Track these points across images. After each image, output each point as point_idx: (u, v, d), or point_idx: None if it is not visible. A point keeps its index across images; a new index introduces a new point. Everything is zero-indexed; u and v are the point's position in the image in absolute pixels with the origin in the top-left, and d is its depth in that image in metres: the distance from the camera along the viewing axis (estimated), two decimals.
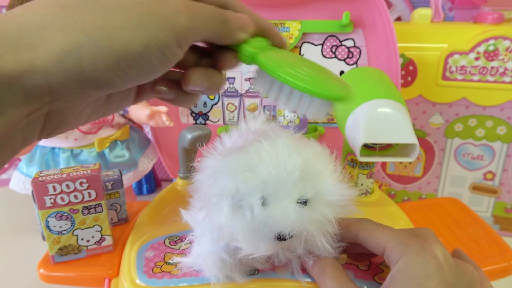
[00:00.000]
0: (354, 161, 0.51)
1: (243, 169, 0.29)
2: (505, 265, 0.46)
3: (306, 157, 0.30)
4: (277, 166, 0.28)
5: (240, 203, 0.29)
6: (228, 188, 0.28)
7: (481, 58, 0.61)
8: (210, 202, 0.29)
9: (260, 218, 0.28)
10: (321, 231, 0.29)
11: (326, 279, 0.29)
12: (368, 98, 0.42)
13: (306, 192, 0.29)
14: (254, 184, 0.28)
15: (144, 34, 0.21)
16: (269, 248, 0.29)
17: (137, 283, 0.36)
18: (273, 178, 0.28)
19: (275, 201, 0.28)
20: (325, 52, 0.61)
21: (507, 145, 0.65)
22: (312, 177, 0.29)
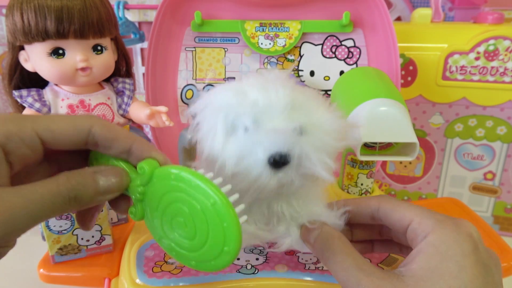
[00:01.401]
0: (354, 160, 0.51)
1: (235, 93, 0.29)
2: (505, 265, 0.46)
3: (296, 88, 0.30)
4: (267, 90, 0.29)
5: (234, 125, 0.29)
6: (221, 110, 0.29)
7: (481, 58, 0.61)
8: (206, 128, 0.30)
9: (254, 137, 0.28)
10: (319, 154, 0.28)
11: (337, 253, 0.27)
12: (368, 97, 0.42)
13: (299, 119, 0.28)
14: (245, 104, 0.28)
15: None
16: (263, 177, 0.27)
17: (137, 282, 0.36)
18: (264, 100, 0.28)
19: (269, 122, 0.28)
20: (325, 52, 0.61)
21: (507, 145, 0.65)
22: (303, 106, 0.29)
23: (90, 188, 0.23)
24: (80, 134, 0.23)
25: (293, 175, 0.28)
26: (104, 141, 0.24)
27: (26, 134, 0.22)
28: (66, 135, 0.23)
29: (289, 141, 0.27)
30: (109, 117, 0.51)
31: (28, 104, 0.47)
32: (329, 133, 0.29)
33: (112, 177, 0.24)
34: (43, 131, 0.22)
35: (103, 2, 0.47)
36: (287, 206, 0.30)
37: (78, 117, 0.24)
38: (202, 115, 0.31)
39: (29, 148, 0.22)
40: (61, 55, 0.46)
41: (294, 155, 0.27)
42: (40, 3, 0.43)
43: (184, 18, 0.60)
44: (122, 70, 0.55)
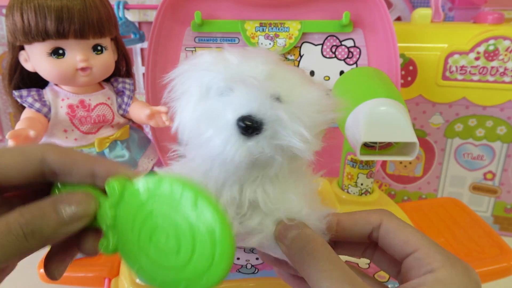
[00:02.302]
0: (354, 160, 0.51)
1: (214, 57, 0.28)
2: (505, 265, 0.46)
3: (279, 63, 0.28)
4: (248, 59, 0.27)
5: (208, 88, 0.27)
6: (194, 76, 0.27)
7: (481, 58, 0.61)
8: (180, 92, 0.28)
9: (226, 99, 0.25)
10: (296, 123, 0.25)
11: (321, 260, 0.23)
12: (368, 97, 0.42)
13: (276, 87, 0.26)
14: (219, 68, 0.27)
15: None
16: (231, 144, 0.24)
17: (137, 282, 0.36)
18: (243, 65, 0.26)
19: (244, 85, 0.25)
20: (325, 52, 0.61)
21: (507, 145, 0.65)
22: (285, 79, 0.27)
23: (51, 218, 0.20)
24: (32, 165, 0.21)
25: (265, 146, 0.24)
26: (62, 168, 0.22)
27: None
28: (17, 169, 0.21)
29: (262, 104, 0.24)
30: (109, 117, 0.51)
31: (28, 104, 0.47)
32: (309, 104, 0.26)
33: (75, 202, 0.21)
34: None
35: (103, 2, 0.47)
36: (262, 192, 0.26)
37: (28, 147, 0.21)
38: (177, 79, 0.29)
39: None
40: (61, 55, 0.46)
41: (267, 121, 0.24)
42: (40, 3, 0.43)
43: (184, 18, 0.60)
44: (122, 70, 0.55)
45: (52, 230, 0.20)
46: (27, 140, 0.42)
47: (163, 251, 0.21)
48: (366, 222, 0.26)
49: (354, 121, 0.42)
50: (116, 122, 0.53)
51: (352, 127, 0.42)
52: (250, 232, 0.27)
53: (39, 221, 0.19)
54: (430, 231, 0.53)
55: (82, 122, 0.50)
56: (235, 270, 0.35)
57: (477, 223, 0.54)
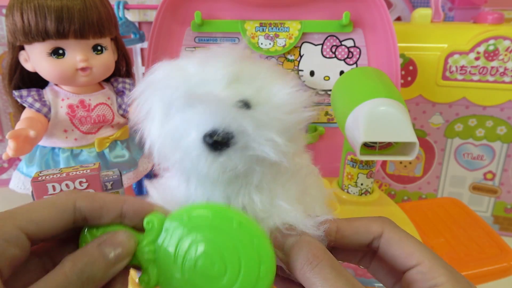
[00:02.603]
0: (354, 160, 0.51)
1: (172, 69, 0.26)
2: (505, 265, 0.46)
3: (245, 59, 0.26)
4: (206, 64, 0.25)
5: (170, 105, 0.25)
6: (156, 89, 0.26)
7: (481, 58, 0.61)
8: (144, 111, 0.26)
9: (188, 116, 0.23)
10: (265, 130, 0.23)
11: (325, 267, 0.22)
12: (368, 97, 0.42)
13: (242, 92, 0.24)
14: (179, 79, 0.25)
15: None
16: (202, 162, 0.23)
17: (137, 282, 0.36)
18: (200, 73, 0.25)
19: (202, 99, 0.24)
20: (325, 52, 0.61)
21: (507, 145, 0.65)
22: (252, 78, 0.25)
23: (100, 263, 0.21)
24: (65, 216, 0.22)
25: (238, 159, 0.23)
26: (92, 213, 0.22)
27: (8, 233, 0.20)
28: (52, 221, 0.21)
29: (226, 115, 0.22)
30: (109, 117, 0.51)
31: (28, 104, 0.47)
32: (279, 106, 0.25)
33: (118, 243, 0.22)
34: (26, 224, 0.20)
35: (103, 2, 0.47)
36: (249, 202, 0.25)
37: (58, 198, 0.22)
38: (139, 99, 0.27)
39: (16, 247, 0.20)
40: (61, 55, 0.46)
41: (235, 133, 0.22)
42: (40, 3, 0.43)
43: (184, 18, 0.60)
44: (122, 70, 0.55)
45: (102, 274, 0.21)
46: (27, 140, 0.42)
47: (210, 276, 0.22)
48: (367, 231, 0.25)
49: (354, 121, 0.42)
50: (116, 122, 0.53)
51: (352, 127, 0.42)
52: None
53: (90, 267, 0.21)
54: (430, 231, 0.53)
55: (82, 122, 0.50)
56: None
57: (477, 223, 0.54)
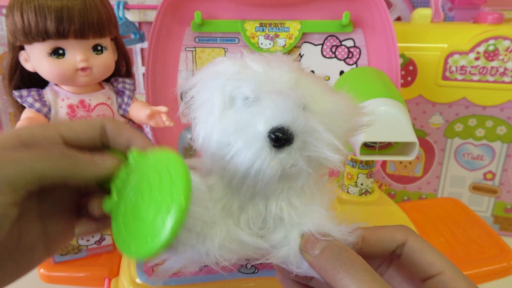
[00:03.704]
0: (354, 160, 0.51)
1: (235, 64, 0.26)
2: (505, 265, 0.46)
3: (301, 69, 0.27)
4: (271, 65, 0.26)
5: (232, 97, 0.25)
6: (218, 79, 0.26)
7: (481, 58, 0.61)
8: (200, 101, 0.26)
9: (256, 109, 0.24)
10: (328, 133, 0.24)
11: (360, 270, 0.22)
12: (368, 97, 0.42)
13: (304, 95, 0.25)
14: (247, 74, 0.25)
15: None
16: (263, 157, 0.23)
17: (137, 282, 0.36)
18: (268, 72, 0.25)
19: (271, 94, 0.24)
20: (325, 52, 0.61)
21: (507, 145, 0.65)
22: (309, 87, 0.26)
23: (86, 157, 0.24)
24: (95, 131, 0.26)
25: (297, 157, 0.23)
26: (113, 135, 0.26)
27: (49, 132, 0.24)
28: (85, 133, 0.25)
29: (295, 115, 0.23)
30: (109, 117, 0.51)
31: (28, 104, 0.47)
32: (337, 113, 0.25)
33: (105, 156, 0.25)
34: (64, 129, 0.25)
35: (103, 2, 0.47)
36: (288, 206, 0.25)
37: (91, 118, 0.26)
38: (197, 87, 0.27)
39: (53, 144, 0.24)
40: (61, 55, 0.46)
41: (298, 132, 0.23)
42: (40, 3, 0.43)
43: (184, 18, 0.60)
44: (122, 70, 0.55)
45: (84, 163, 0.23)
46: None
47: (135, 210, 0.23)
48: (392, 239, 0.26)
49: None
50: None
51: None
52: (275, 246, 0.25)
53: (74, 154, 0.23)
54: (430, 231, 0.53)
55: None
56: (235, 270, 0.35)
57: (477, 223, 0.54)
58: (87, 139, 0.26)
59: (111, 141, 0.26)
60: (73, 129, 0.25)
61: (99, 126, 0.26)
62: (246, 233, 0.25)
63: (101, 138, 0.26)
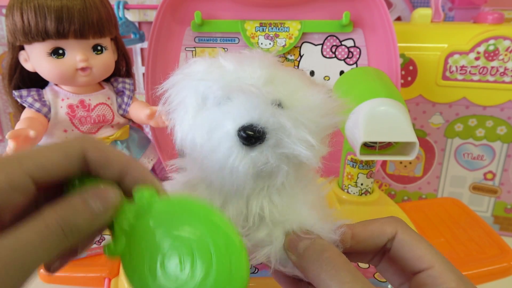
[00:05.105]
0: (354, 160, 0.51)
1: (208, 64, 0.26)
2: (505, 265, 0.46)
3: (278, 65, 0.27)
4: (243, 63, 0.26)
5: (205, 97, 0.26)
6: (189, 86, 0.26)
7: (481, 58, 0.61)
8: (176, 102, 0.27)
9: (225, 108, 0.24)
10: (300, 129, 0.24)
11: (341, 270, 0.22)
12: (368, 97, 0.42)
13: (277, 92, 0.25)
14: (218, 74, 0.25)
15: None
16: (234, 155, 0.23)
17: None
18: (238, 71, 0.25)
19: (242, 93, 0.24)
20: (325, 52, 0.61)
21: (507, 145, 0.65)
22: (284, 82, 0.26)
23: (84, 213, 0.20)
24: (73, 162, 0.21)
25: (270, 155, 0.23)
26: (97, 164, 0.22)
27: (17, 180, 0.19)
28: (60, 167, 0.20)
29: (263, 112, 0.23)
30: (109, 117, 0.51)
31: (28, 104, 0.47)
32: (312, 108, 0.25)
33: (104, 196, 0.21)
34: (34, 169, 0.19)
35: (103, 2, 0.47)
36: (269, 204, 0.25)
37: (68, 144, 0.21)
38: (172, 89, 0.28)
39: (21, 194, 0.19)
40: (61, 55, 0.46)
41: (269, 129, 0.23)
42: (40, 3, 0.43)
43: (184, 18, 0.60)
44: (122, 70, 0.55)
45: (87, 225, 0.20)
46: (27, 140, 0.42)
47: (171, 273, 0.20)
48: (381, 233, 0.26)
49: (354, 121, 0.42)
50: (116, 122, 0.53)
51: (352, 127, 0.42)
52: (258, 245, 0.25)
53: (73, 218, 0.19)
54: (430, 231, 0.53)
55: (82, 122, 0.50)
56: None
57: (477, 223, 0.54)
58: (62, 175, 0.21)
59: (96, 171, 0.22)
60: (43, 165, 0.20)
61: (77, 156, 0.21)
62: None
63: (80, 169, 0.21)
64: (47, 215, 0.19)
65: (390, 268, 0.27)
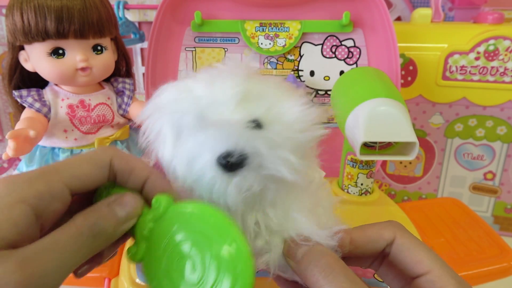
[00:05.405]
0: (354, 160, 0.51)
1: (179, 91, 0.26)
2: (505, 265, 0.46)
3: (253, 77, 0.26)
4: (213, 84, 0.25)
5: (180, 127, 0.25)
6: (164, 111, 0.26)
7: (481, 58, 0.61)
8: (152, 135, 0.26)
9: (200, 139, 0.24)
10: (279, 150, 0.23)
11: (339, 276, 0.22)
12: (368, 97, 0.42)
13: (254, 111, 0.24)
14: (188, 102, 0.25)
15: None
16: (217, 184, 0.23)
17: (137, 282, 0.36)
18: (209, 94, 0.25)
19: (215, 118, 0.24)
20: (325, 52, 0.61)
21: (507, 145, 0.65)
22: (261, 96, 0.26)
23: (110, 219, 0.22)
24: (102, 171, 0.23)
25: (253, 179, 0.23)
26: (122, 173, 0.24)
27: (56, 189, 0.21)
28: (92, 176, 0.23)
29: (239, 137, 0.23)
30: (109, 117, 0.51)
31: (28, 104, 0.47)
32: (290, 124, 0.25)
33: (127, 203, 0.23)
34: (71, 180, 0.22)
35: (103, 2, 0.47)
36: (263, 217, 0.25)
37: (96, 154, 0.23)
38: (148, 121, 0.27)
39: (60, 202, 0.21)
40: (61, 55, 0.46)
41: (249, 153, 0.23)
42: (40, 3, 0.43)
43: (184, 18, 0.60)
44: (122, 70, 0.55)
45: (113, 229, 0.22)
46: (27, 140, 0.42)
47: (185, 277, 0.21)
48: (380, 238, 0.26)
49: (354, 121, 0.42)
50: (116, 122, 0.53)
51: (352, 127, 0.42)
52: (257, 253, 0.25)
53: (102, 222, 0.21)
54: (430, 231, 0.53)
55: (82, 122, 0.50)
56: None
57: (477, 223, 0.54)
58: (94, 184, 0.23)
59: (120, 178, 0.24)
60: (78, 176, 0.22)
61: (106, 166, 0.23)
62: None
63: (109, 176, 0.24)
64: (78, 220, 0.21)
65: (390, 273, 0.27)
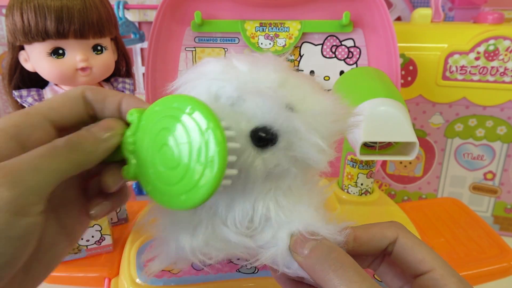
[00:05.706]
0: (354, 160, 0.51)
1: (222, 64, 0.26)
2: (505, 265, 0.46)
3: (289, 69, 0.27)
4: (257, 65, 0.26)
5: (217, 97, 0.26)
6: (204, 79, 0.26)
7: (481, 58, 0.61)
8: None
9: (240, 108, 0.24)
10: (312, 133, 0.24)
11: (349, 270, 0.22)
12: (368, 97, 0.42)
13: (290, 96, 0.25)
14: (232, 74, 0.26)
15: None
16: (246, 154, 0.23)
17: (137, 282, 0.36)
18: (253, 72, 0.25)
19: (255, 94, 0.24)
20: (325, 52, 0.61)
21: (507, 145, 0.65)
22: (296, 87, 0.26)
23: (88, 136, 0.23)
24: (77, 103, 0.24)
25: (281, 157, 0.24)
26: (97, 103, 0.25)
27: (34, 120, 0.23)
28: (67, 108, 0.24)
29: (277, 115, 0.23)
30: None
31: (28, 104, 0.47)
32: (324, 113, 0.25)
33: (103, 124, 0.24)
34: (48, 111, 0.23)
35: (103, 2, 0.47)
36: (275, 205, 0.25)
37: (70, 90, 0.25)
38: (184, 87, 0.28)
39: (41, 131, 0.23)
40: (61, 55, 0.46)
41: (282, 132, 0.23)
42: (40, 3, 0.43)
43: (184, 18, 0.60)
44: (122, 70, 0.55)
45: (91, 146, 0.23)
46: None
47: (164, 163, 0.22)
48: (383, 237, 0.26)
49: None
50: None
51: None
52: (263, 246, 0.25)
53: (77, 138, 0.22)
54: (430, 231, 0.53)
55: None
56: (235, 270, 0.35)
57: (477, 223, 0.54)
58: (73, 116, 0.24)
59: (97, 109, 0.25)
60: (56, 110, 0.24)
61: (79, 96, 0.24)
62: (233, 232, 0.25)
63: (86, 109, 0.25)
64: (57, 140, 0.22)
65: (390, 272, 0.28)
